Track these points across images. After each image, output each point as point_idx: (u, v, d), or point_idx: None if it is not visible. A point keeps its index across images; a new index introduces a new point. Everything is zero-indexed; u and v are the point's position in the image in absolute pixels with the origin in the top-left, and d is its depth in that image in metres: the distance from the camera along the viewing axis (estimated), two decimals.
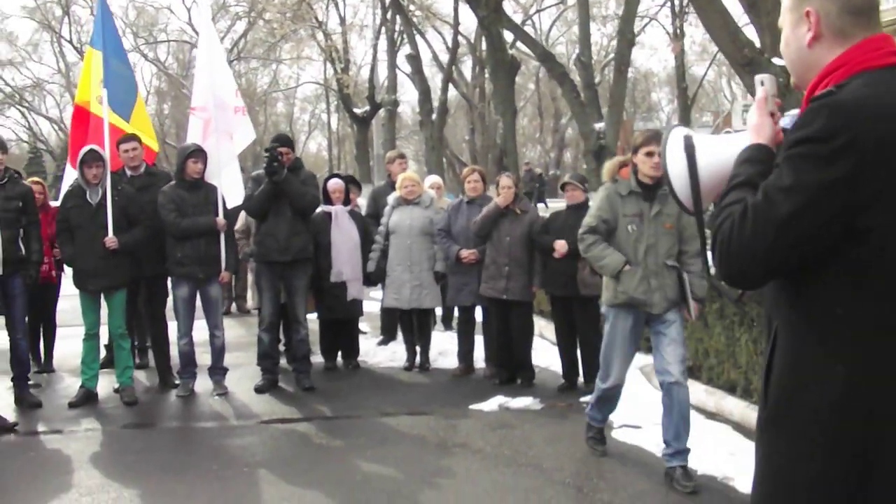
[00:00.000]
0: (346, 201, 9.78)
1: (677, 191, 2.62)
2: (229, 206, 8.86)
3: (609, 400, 6.61)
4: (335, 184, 9.79)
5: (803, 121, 2.22)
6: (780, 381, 2.31)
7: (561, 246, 8.37)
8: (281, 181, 8.54)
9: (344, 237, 9.53)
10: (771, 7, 9.72)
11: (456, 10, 33.39)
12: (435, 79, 37.25)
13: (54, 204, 9.41)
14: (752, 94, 9.53)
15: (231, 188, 8.96)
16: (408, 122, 57.78)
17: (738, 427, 7.12)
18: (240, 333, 11.74)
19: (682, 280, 6.16)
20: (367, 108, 34.91)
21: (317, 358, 9.76)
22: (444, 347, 10.26)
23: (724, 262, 2.29)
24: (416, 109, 60.05)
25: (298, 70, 50.85)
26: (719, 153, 2.55)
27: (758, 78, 2.55)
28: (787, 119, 2.52)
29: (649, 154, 6.06)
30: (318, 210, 9.24)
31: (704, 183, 2.56)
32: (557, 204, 19.68)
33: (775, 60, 9.22)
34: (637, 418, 7.47)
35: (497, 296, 8.77)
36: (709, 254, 2.49)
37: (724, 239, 2.27)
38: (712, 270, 2.57)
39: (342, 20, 38.60)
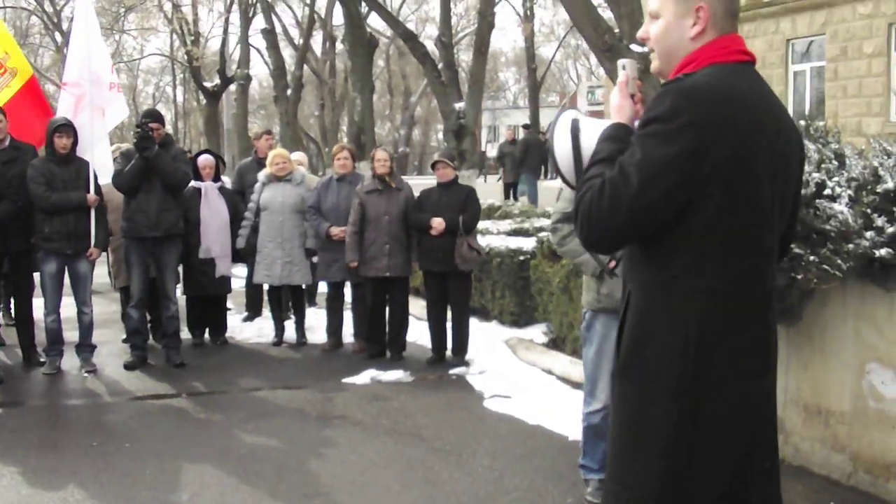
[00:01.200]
0: (217, 177, 9.79)
1: (563, 169, 2.85)
2: (101, 181, 8.74)
3: (598, 431, 5.19)
4: (205, 160, 9.78)
5: (653, 104, 2.50)
6: (630, 335, 2.61)
7: (438, 224, 8.59)
8: (152, 157, 8.48)
9: (213, 214, 9.54)
10: None
11: None
12: (284, 53, 36.92)
13: None
14: (612, 77, 9.97)
15: (102, 164, 8.85)
16: (254, 97, 57.05)
17: None
18: (100, 310, 11.53)
19: None
20: (218, 82, 34.36)
21: (184, 334, 9.73)
22: (310, 323, 10.37)
23: (585, 229, 2.55)
24: (263, 84, 59.52)
25: (143, 41, 49.46)
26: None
27: (620, 62, 2.79)
28: None
29: None
30: (188, 186, 9.20)
31: (588, 159, 2.75)
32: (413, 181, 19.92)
33: (633, 47, 9.66)
34: (506, 389, 7.81)
35: (379, 274, 8.94)
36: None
37: (586, 209, 2.52)
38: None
39: None
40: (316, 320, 10.50)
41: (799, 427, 5.64)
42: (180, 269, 9.50)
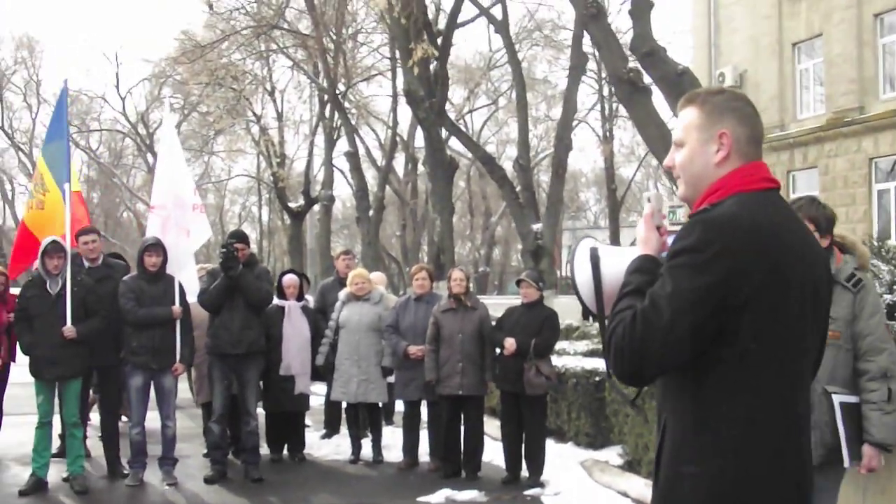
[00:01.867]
0: (300, 296, 10.07)
1: (584, 297, 2.88)
2: (188, 300, 9.05)
3: None
4: (290, 279, 10.09)
5: (681, 234, 2.55)
6: (666, 467, 2.61)
7: (510, 344, 8.71)
8: (236, 276, 8.79)
9: (295, 332, 9.78)
10: None
11: (395, 110, 34.27)
12: (366, 174, 37.92)
13: (14, 291, 9.50)
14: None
15: (188, 283, 9.18)
16: (337, 217, 58.23)
17: None
18: (182, 425, 11.75)
19: (851, 413, 4.28)
20: (302, 202, 35.27)
21: (263, 450, 9.87)
22: (386, 442, 10.44)
23: (619, 362, 2.55)
24: (346, 205, 60.84)
25: (231, 163, 51.21)
26: (620, 263, 2.80)
27: (645, 195, 2.87)
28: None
29: None
30: (272, 304, 9.48)
31: (607, 290, 2.82)
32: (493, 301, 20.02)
33: None
34: None
35: (453, 392, 9.05)
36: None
37: (618, 342, 2.53)
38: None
39: (279, 115, 39.19)
40: (392, 439, 10.58)
41: None
42: (260, 384, 9.70)
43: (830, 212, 4.36)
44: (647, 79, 11.12)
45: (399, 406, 10.61)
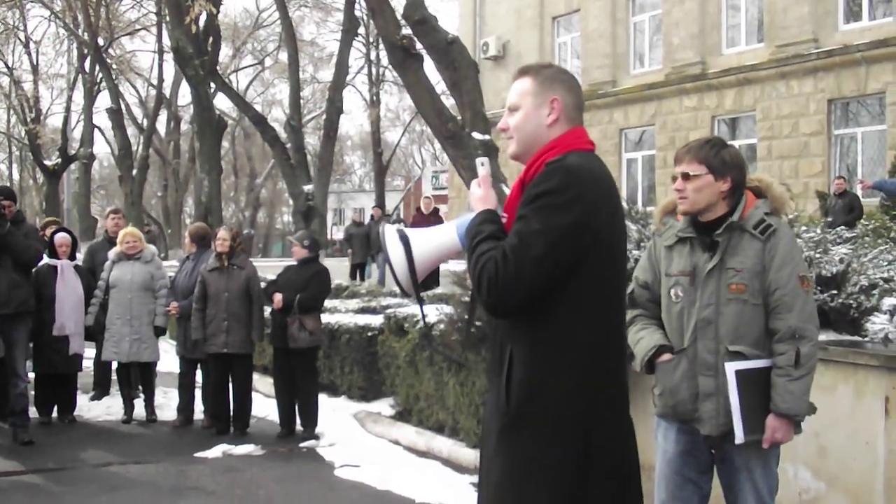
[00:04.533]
0: (72, 255, 9.88)
1: (399, 276, 3.16)
2: None
3: None
4: (63, 238, 9.87)
5: (542, 179, 2.92)
6: (518, 392, 2.96)
7: (278, 301, 8.99)
8: (4, 234, 8.55)
9: (68, 291, 9.60)
10: (470, 87, 10.94)
11: (160, 66, 33.35)
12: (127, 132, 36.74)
13: None
14: (456, 163, 10.60)
15: None
16: (94, 177, 56.10)
17: (447, 462, 7.92)
18: None
19: (751, 381, 3.85)
20: (59, 160, 33.81)
21: (31, 413, 9.66)
22: (158, 401, 10.45)
23: (493, 295, 2.85)
24: (103, 164, 58.58)
25: None
26: (429, 241, 3.16)
27: (478, 160, 3.23)
28: None
29: (673, 178, 4.10)
30: (44, 263, 9.28)
31: (419, 266, 3.13)
32: (256, 263, 20.00)
33: (475, 135, 10.35)
34: (355, 459, 8.12)
35: (218, 350, 9.20)
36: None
37: (491, 277, 2.82)
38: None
39: (34, 68, 37.25)
40: (163, 398, 10.61)
41: None
42: (30, 346, 9.48)
43: (729, 155, 3.99)
44: (419, 45, 11.52)
45: (161, 366, 10.67)
